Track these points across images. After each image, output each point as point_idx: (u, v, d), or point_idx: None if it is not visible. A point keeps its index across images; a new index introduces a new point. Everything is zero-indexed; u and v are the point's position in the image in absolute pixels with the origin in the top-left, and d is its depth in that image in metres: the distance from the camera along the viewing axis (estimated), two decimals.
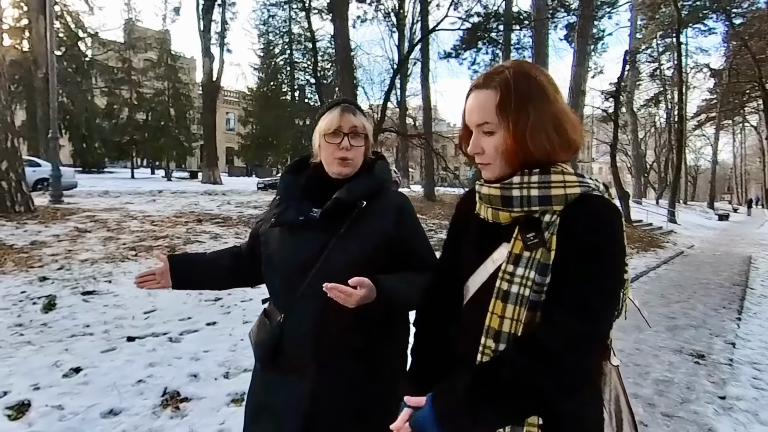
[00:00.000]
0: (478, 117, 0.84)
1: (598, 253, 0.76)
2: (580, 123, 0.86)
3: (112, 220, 7.50)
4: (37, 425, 2.14)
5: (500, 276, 0.81)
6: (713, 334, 4.53)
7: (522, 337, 0.78)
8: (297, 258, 1.16)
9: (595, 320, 0.75)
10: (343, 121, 1.18)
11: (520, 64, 0.86)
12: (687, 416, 2.77)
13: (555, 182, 0.80)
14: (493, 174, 0.86)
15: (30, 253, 5.23)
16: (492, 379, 0.75)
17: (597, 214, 0.78)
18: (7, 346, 2.90)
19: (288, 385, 1.16)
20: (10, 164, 7.08)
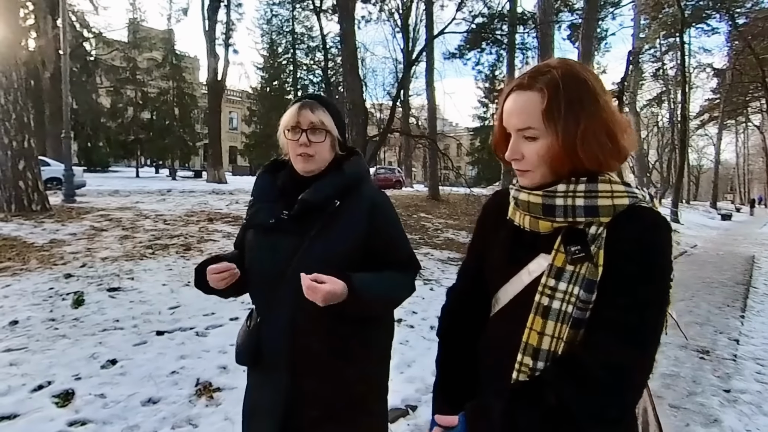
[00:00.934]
0: (519, 121, 0.78)
1: (648, 274, 0.71)
2: (630, 127, 0.80)
3: (126, 219, 7.65)
4: (83, 412, 2.28)
5: (540, 290, 0.76)
6: (717, 331, 4.65)
7: (565, 359, 0.73)
8: (270, 261, 1.16)
9: (645, 347, 0.70)
10: (300, 117, 1.17)
11: (567, 64, 0.79)
12: (693, 408, 2.90)
13: (602, 192, 0.74)
14: (532, 181, 0.80)
15: (51, 251, 5.38)
16: (530, 401, 0.71)
17: (649, 230, 0.73)
18: (44, 339, 3.04)
19: (270, 384, 1.17)
20: (27, 164, 7.23)
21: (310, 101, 1.20)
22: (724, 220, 25.00)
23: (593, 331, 0.72)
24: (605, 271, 0.72)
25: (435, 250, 7.69)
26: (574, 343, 0.73)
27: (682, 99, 20.37)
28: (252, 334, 1.19)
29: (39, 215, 7.14)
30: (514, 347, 0.78)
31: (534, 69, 0.79)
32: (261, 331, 1.17)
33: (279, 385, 1.14)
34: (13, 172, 7.09)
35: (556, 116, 0.74)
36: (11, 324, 3.23)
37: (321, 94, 1.31)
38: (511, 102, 0.79)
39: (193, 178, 26.88)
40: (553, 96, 0.74)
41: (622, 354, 0.68)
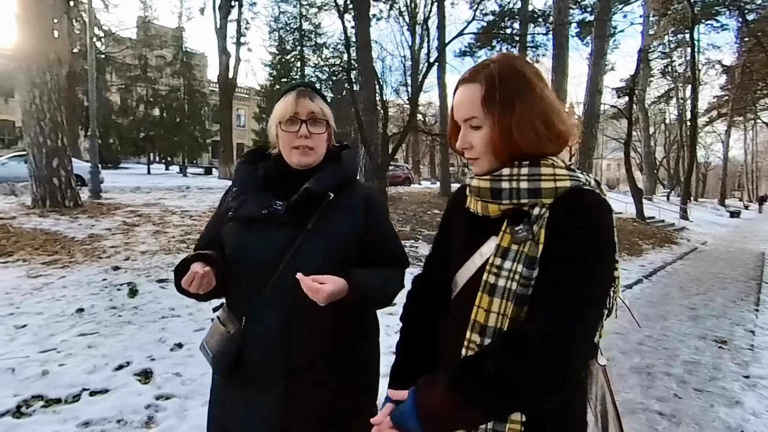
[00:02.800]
0: (465, 111, 0.83)
1: (586, 250, 0.74)
2: (570, 114, 0.85)
3: (154, 214, 7.91)
4: (165, 388, 2.52)
5: (487, 269, 0.79)
6: (733, 323, 4.85)
7: (506, 332, 0.76)
8: (260, 256, 1.06)
9: (576, 320, 0.71)
10: (299, 107, 1.09)
11: (506, 57, 0.84)
12: (716, 391, 3.11)
13: (545, 175, 0.78)
14: (482, 168, 0.85)
15: (92, 245, 5.64)
16: (473, 374, 0.72)
17: (587, 210, 0.76)
18: (112, 325, 3.29)
19: (252, 400, 1.06)
20: (60, 161, 7.50)
21: (307, 90, 1.13)
22: (733, 218, 25.03)
23: (533, 306, 0.75)
24: (545, 249, 0.75)
25: None
26: (517, 320, 0.76)
27: (692, 97, 20.40)
28: (233, 340, 1.06)
29: (72, 211, 7.41)
30: (464, 326, 0.81)
31: (477, 64, 0.85)
32: (246, 335, 1.05)
33: (270, 399, 1.04)
34: (47, 169, 7.36)
35: (493, 104, 0.79)
36: (78, 311, 3.48)
37: (310, 82, 1.21)
38: (458, 95, 0.84)
39: (203, 174, 27.22)
40: (489, 86, 0.79)
41: (558, 324, 0.70)
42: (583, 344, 0.75)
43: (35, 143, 7.28)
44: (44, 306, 3.55)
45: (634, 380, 3.22)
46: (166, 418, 2.27)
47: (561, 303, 0.72)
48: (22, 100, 7.27)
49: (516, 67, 0.81)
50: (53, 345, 2.91)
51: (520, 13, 15.60)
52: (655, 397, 2.96)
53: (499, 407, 0.73)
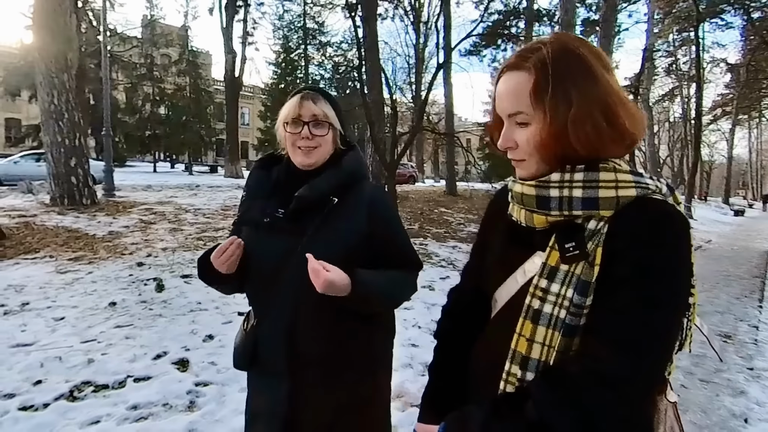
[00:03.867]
0: (509, 105, 0.70)
1: (651, 273, 0.61)
2: (637, 109, 0.70)
3: (169, 212, 8.09)
4: (202, 376, 2.69)
5: (531, 292, 0.69)
6: (738, 319, 4.99)
7: (552, 368, 0.66)
8: (266, 261, 1.11)
9: (637, 358, 0.60)
10: (302, 110, 1.12)
11: (560, 38, 0.70)
12: (721, 382, 3.25)
13: (604, 181, 0.66)
14: (528, 171, 0.73)
15: (113, 242, 5.82)
16: (510, 416, 0.64)
17: (655, 223, 0.63)
18: (145, 317, 3.45)
19: (268, 391, 1.14)
20: (78, 161, 7.69)
21: (312, 93, 1.15)
22: (737, 216, 25.08)
23: (584, 339, 0.64)
24: (602, 271, 0.63)
25: (462, 244, 8.05)
26: (567, 353, 0.65)
27: (697, 95, 20.44)
28: (248, 336, 1.14)
29: (90, 209, 7.60)
30: (502, 354, 0.71)
31: (526, 47, 0.71)
32: (258, 334, 1.13)
33: (279, 390, 1.11)
34: (65, 168, 7.55)
35: (545, 97, 0.66)
36: (111, 305, 3.66)
37: (321, 87, 1.24)
38: (501, 84, 0.72)
39: (208, 173, 27.43)
40: (541, 74, 0.66)
41: (614, 362, 0.60)
42: (645, 385, 0.63)
43: (54, 143, 7.47)
44: (78, 300, 3.72)
45: None
46: (207, 402, 2.44)
47: (619, 337, 0.61)
48: (41, 100, 7.46)
49: (573, 50, 0.67)
50: (93, 336, 3.08)
51: (525, 12, 15.69)
52: None
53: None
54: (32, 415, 2.19)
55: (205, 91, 30.46)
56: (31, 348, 2.85)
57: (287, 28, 34.45)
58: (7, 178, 12.97)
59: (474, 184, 15.55)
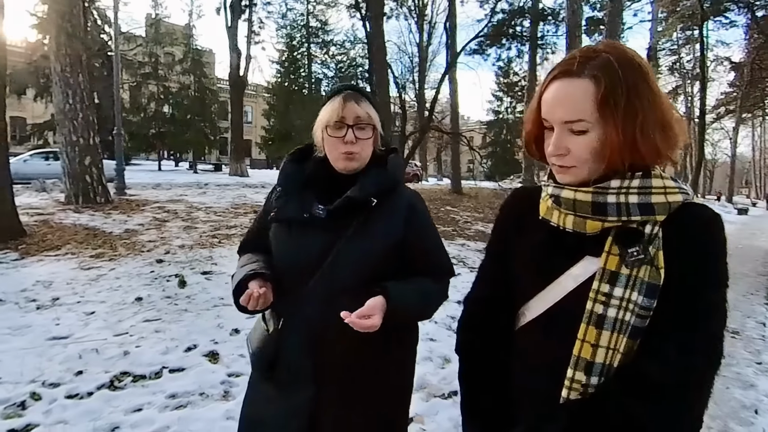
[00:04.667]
0: (567, 113, 0.70)
1: (715, 277, 0.67)
2: (683, 118, 0.75)
3: (181, 211, 8.21)
4: (233, 367, 2.80)
5: (593, 297, 0.69)
6: (745, 316, 5.08)
7: (628, 373, 0.67)
8: (299, 259, 1.08)
9: (709, 357, 0.65)
10: (346, 112, 1.08)
11: (618, 48, 0.71)
12: (731, 375, 3.35)
13: (656, 188, 0.69)
14: (577, 177, 0.73)
15: (131, 239, 5.94)
16: (594, 422, 0.65)
17: (709, 230, 0.68)
18: (171, 312, 3.57)
19: (284, 397, 1.09)
20: (92, 160, 7.81)
21: (354, 93, 1.11)
22: (741, 215, 25.09)
23: (657, 341, 0.66)
24: (667, 274, 0.66)
25: (470, 242, 8.16)
26: (629, 355, 0.67)
27: (701, 94, 20.45)
28: (272, 339, 1.09)
29: (104, 207, 7.73)
30: (557, 362, 0.72)
31: (582, 54, 0.70)
32: (283, 336, 1.08)
33: (300, 398, 1.07)
34: (80, 167, 7.68)
35: (615, 106, 0.67)
36: (137, 300, 3.77)
37: (359, 85, 1.19)
38: (555, 91, 0.71)
39: (213, 171, 27.56)
40: (609, 84, 0.67)
41: (694, 368, 0.64)
42: (712, 382, 0.67)
43: (69, 142, 7.59)
44: (105, 295, 3.84)
45: None
46: (240, 392, 2.54)
47: (693, 338, 0.64)
48: (56, 100, 7.59)
49: (635, 61, 0.69)
50: (124, 329, 3.19)
51: (531, 11, 15.75)
52: None
53: None
54: (78, 402, 2.31)
55: (210, 90, 30.55)
56: (67, 341, 2.97)
57: (291, 27, 34.57)
58: (17, 176, 13.10)
59: (479, 183, 15.64)
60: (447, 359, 3.19)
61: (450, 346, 3.51)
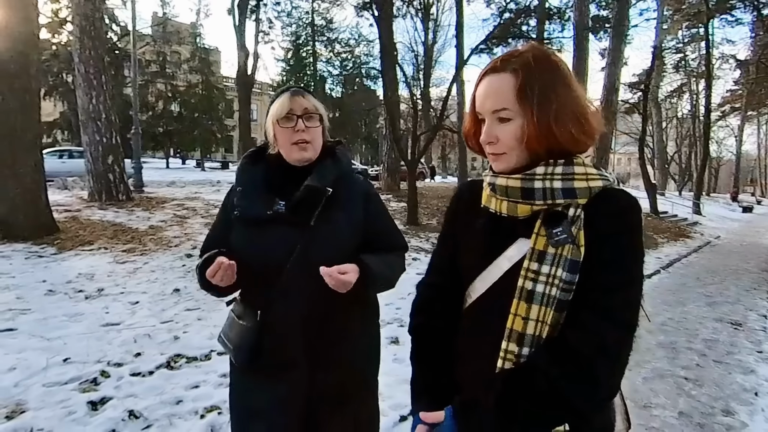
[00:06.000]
0: (493, 103, 0.78)
1: (631, 254, 0.73)
2: (598, 111, 0.81)
3: (199, 208, 8.46)
4: None
5: (523, 275, 0.75)
6: (747, 309, 5.31)
7: (553, 343, 0.73)
8: (270, 254, 1.12)
9: (627, 328, 0.71)
10: (293, 104, 1.15)
11: (538, 48, 0.80)
12: (733, 363, 3.58)
13: (578, 174, 0.76)
14: (508, 164, 0.80)
15: (156, 235, 6.20)
16: (522, 390, 0.71)
17: (625, 211, 0.75)
18: (209, 302, 3.82)
19: (277, 385, 1.13)
20: (114, 158, 8.07)
21: (299, 89, 1.19)
22: (745, 213, 25.21)
23: (579, 313, 0.72)
24: (586, 252, 0.72)
25: None
26: (556, 326, 0.73)
27: (707, 93, 20.55)
28: (253, 331, 1.13)
29: (126, 204, 8.00)
30: (495, 335, 0.77)
31: (505, 53, 0.81)
32: (265, 329, 1.13)
33: (294, 383, 1.12)
34: (103, 166, 7.94)
35: (530, 95, 0.74)
36: (175, 291, 4.04)
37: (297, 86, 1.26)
38: (484, 85, 0.80)
39: (220, 168, 27.87)
40: (526, 76, 0.75)
41: (611, 334, 0.69)
42: (631, 346, 0.73)
43: (92, 141, 7.86)
44: (145, 287, 4.10)
45: (660, 353, 3.70)
46: None
47: (611, 311, 0.70)
48: (81, 101, 7.84)
49: (551, 58, 0.78)
50: (169, 317, 3.45)
51: (537, 10, 15.90)
52: (680, 365, 3.45)
53: (550, 422, 0.72)
54: (142, 379, 2.57)
55: (216, 88, 30.85)
56: (120, 327, 3.23)
57: (296, 25, 34.77)
58: None
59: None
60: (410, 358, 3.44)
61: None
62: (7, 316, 3.24)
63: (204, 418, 2.26)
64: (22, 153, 5.41)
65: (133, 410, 2.25)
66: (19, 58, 5.29)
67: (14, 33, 5.27)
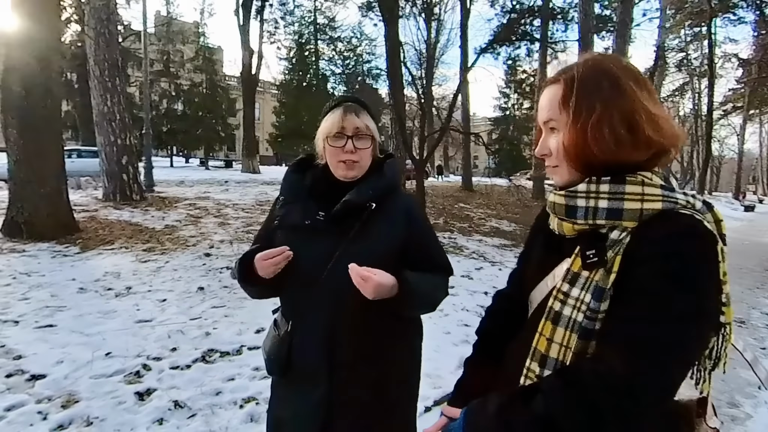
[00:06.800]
0: (543, 114, 0.78)
1: (666, 285, 0.63)
2: (668, 120, 0.73)
3: (211, 207, 8.63)
4: None
5: (554, 295, 0.74)
6: (750, 307, 5.45)
7: (566, 368, 0.70)
8: (304, 264, 1.11)
9: (647, 370, 0.61)
10: (345, 123, 1.13)
11: (594, 56, 0.77)
12: (736, 356, 3.72)
13: (630, 194, 0.69)
14: (561, 178, 0.78)
15: (173, 235, 6.36)
16: (523, 406, 0.68)
17: (675, 236, 0.65)
18: (233, 300, 3.98)
19: (299, 397, 1.14)
20: (128, 159, 8.25)
21: (353, 105, 1.17)
22: (748, 212, 25.28)
23: (599, 343, 0.67)
24: (619, 279, 0.66)
25: (487, 237, 8.54)
26: (582, 356, 0.69)
27: (709, 91, 20.64)
28: (283, 342, 1.15)
29: (140, 204, 8.17)
30: (527, 351, 0.77)
31: (565, 66, 0.80)
32: (293, 339, 1.14)
33: (315, 397, 1.12)
34: (118, 166, 8.11)
35: (570, 104, 0.72)
36: (200, 289, 4.19)
37: (356, 96, 1.25)
38: (541, 98, 0.80)
39: (224, 167, 28.04)
40: (568, 85, 0.73)
41: (622, 371, 0.61)
42: (652, 396, 0.62)
43: (107, 142, 8.03)
44: (170, 285, 4.26)
45: None
46: None
47: (630, 344, 0.63)
48: (96, 103, 8.01)
49: (603, 65, 0.74)
50: (198, 314, 3.61)
51: (541, 10, 16.01)
52: None
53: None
54: (182, 372, 2.72)
55: (221, 87, 31.02)
56: (152, 323, 3.38)
57: (299, 23, 34.88)
58: None
59: (492, 179, 15.98)
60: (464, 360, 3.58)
61: None
62: (46, 313, 3.40)
63: (243, 408, 2.41)
64: (46, 155, 5.58)
65: (177, 400, 2.41)
66: (43, 64, 5.44)
67: (39, 41, 5.42)
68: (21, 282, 4.03)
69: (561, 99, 0.74)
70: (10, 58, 5.33)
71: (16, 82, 5.31)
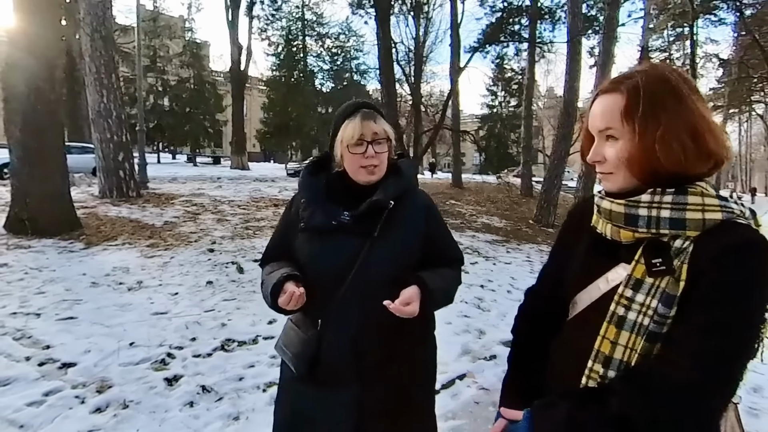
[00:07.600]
0: (601, 122, 0.79)
1: (738, 296, 0.66)
2: (723, 133, 0.77)
3: (207, 204, 8.71)
4: None
5: (616, 300, 0.76)
6: None
7: (636, 370, 0.73)
8: (332, 264, 1.15)
9: (716, 374, 0.66)
10: (364, 129, 1.17)
11: (654, 67, 0.79)
12: None
13: (692, 204, 0.72)
14: (615, 185, 0.80)
15: (173, 231, 6.45)
16: (594, 408, 0.70)
17: (740, 248, 0.68)
18: (242, 293, 4.13)
19: (330, 396, 1.16)
20: (125, 156, 8.27)
21: (369, 111, 1.20)
22: None
23: (668, 347, 0.70)
24: (687, 287, 0.69)
25: (479, 233, 8.79)
26: (649, 356, 0.72)
27: None
28: (311, 341, 1.16)
29: (136, 200, 8.21)
30: (584, 352, 0.79)
31: (620, 74, 0.81)
32: (323, 339, 1.16)
33: (344, 397, 1.15)
34: (114, 163, 8.13)
35: (635, 115, 0.74)
36: (208, 283, 4.33)
37: (367, 101, 1.28)
38: (596, 105, 0.81)
39: (212, 164, 27.87)
40: (632, 96, 0.75)
41: (696, 375, 0.65)
42: (717, 399, 0.69)
43: (104, 139, 8.05)
44: (180, 279, 4.39)
45: None
46: None
47: (702, 352, 0.66)
48: (92, 100, 8.02)
49: (665, 77, 0.75)
50: (210, 307, 3.75)
51: (529, 9, 16.30)
52: None
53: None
54: (204, 360, 2.88)
55: (209, 83, 30.77)
56: (168, 315, 3.52)
57: (286, 19, 34.70)
58: None
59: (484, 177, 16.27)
60: (482, 331, 3.80)
61: (482, 321, 4.15)
62: (65, 306, 3.51)
63: (266, 392, 2.58)
64: (49, 152, 5.62)
65: (204, 385, 2.58)
66: (45, 62, 5.48)
67: (41, 39, 5.45)
68: (34, 277, 4.11)
69: (623, 110, 0.76)
70: (13, 57, 5.36)
71: (19, 80, 5.34)
